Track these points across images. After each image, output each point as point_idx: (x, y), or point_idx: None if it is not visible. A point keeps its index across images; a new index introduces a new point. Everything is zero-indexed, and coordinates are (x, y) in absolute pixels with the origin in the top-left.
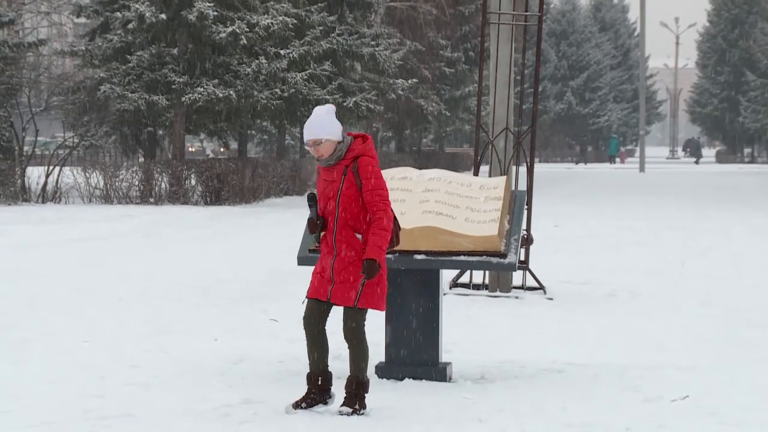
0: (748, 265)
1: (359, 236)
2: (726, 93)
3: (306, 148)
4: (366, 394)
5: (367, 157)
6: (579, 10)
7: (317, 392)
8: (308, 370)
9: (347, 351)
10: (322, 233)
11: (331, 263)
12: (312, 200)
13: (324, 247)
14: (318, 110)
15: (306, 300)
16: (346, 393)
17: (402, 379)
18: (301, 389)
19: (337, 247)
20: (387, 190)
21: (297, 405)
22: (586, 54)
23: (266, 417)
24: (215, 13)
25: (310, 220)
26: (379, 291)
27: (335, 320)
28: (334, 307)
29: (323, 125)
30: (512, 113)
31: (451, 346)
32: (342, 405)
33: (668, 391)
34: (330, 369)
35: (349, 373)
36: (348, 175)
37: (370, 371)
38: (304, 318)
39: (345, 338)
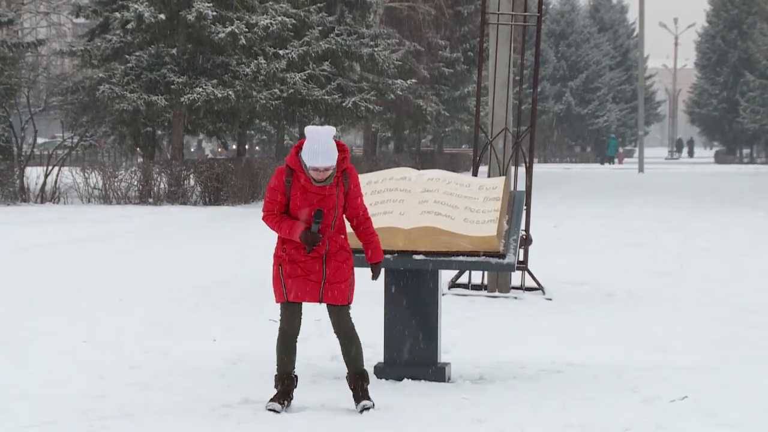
0: (747, 266)
1: (343, 236)
2: (725, 94)
3: (311, 172)
4: (368, 385)
5: (352, 167)
6: (578, 11)
7: (291, 395)
8: (277, 373)
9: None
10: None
11: (323, 266)
12: (318, 218)
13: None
14: (322, 136)
15: (286, 307)
16: (355, 388)
17: (401, 380)
18: (299, 389)
19: (330, 248)
20: None
21: (281, 403)
22: (585, 54)
23: (265, 417)
24: (214, 13)
25: (314, 235)
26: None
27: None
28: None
29: (333, 152)
30: (511, 114)
31: (450, 347)
32: (361, 400)
33: (667, 391)
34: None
35: (348, 370)
36: (340, 187)
37: (369, 371)
38: (288, 323)
39: (342, 335)
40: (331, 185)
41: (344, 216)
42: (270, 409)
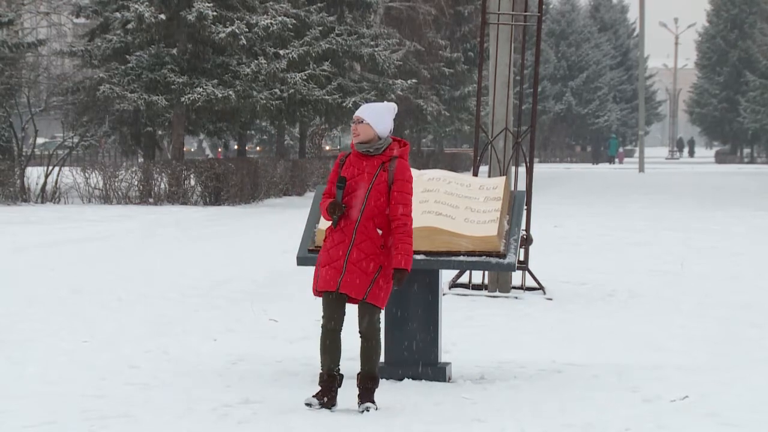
0: (747, 265)
1: (380, 231)
2: (725, 93)
3: (351, 123)
4: (376, 390)
5: (405, 161)
6: (578, 11)
7: (332, 393)
8: (320, 371)
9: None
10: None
11: (347, 253)
12: (341, 183)
13: (337, 236)
14: (381, 103)
15: (324, 301)
16: (362, 389)
17: (401, 379)
18: (300, 389)
19: (356, 238)
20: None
21: (320, 400)
22: (585, 54)
23: (265, 417)
24: (214, 13)
25: (335, 203)
26: (386, 291)
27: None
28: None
29: (373, 111)
30: (511, 113)
31: (450, 346)
32: (364, 401)
33: (667, 391)
34: (342, 372)
35: (360, 369)
36: (382, 171)
37: None
38: (326, 318)
39: (363, 334)
40: (373, 164)
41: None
42: (306, 403)
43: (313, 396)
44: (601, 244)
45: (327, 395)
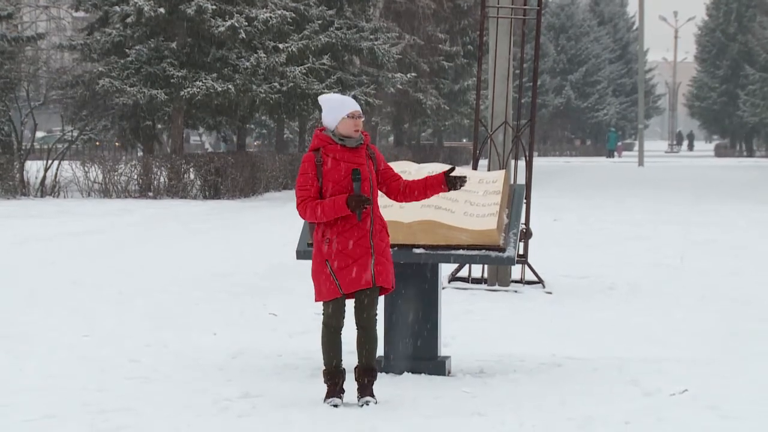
0: (747, 259)
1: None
2: (725, 87)
3: (349, 123)
4: (375, 383)
5: (374, 146)
6: (578, 4)
7: (342, 387)
8: (325, 368)
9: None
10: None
11: (371, 245)
12: (358, 175)
13: (352, 232)
14: (338, 94)
15: (333, 303)
16: (361, 382)
17: (401, 373)
18: (300, 383)
19: (375, 228)
20: None
21: (339, 397)
22: (584, 48)
23: (265, 410)
24: (214, 6)
25: (360, 197)
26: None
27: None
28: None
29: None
30: (511, 107)
31: (449, 340)
32: (365, 395)
33: (667, 384)
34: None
35: (358, 362)
36: (369, 160)
37: None
38: (335, 318)
39: (364, 325)
40: (361, 153)
41: (381, 195)
42: (333, 405)
43: (331, 396)
44: (601, 237)
45: (341, 392)
